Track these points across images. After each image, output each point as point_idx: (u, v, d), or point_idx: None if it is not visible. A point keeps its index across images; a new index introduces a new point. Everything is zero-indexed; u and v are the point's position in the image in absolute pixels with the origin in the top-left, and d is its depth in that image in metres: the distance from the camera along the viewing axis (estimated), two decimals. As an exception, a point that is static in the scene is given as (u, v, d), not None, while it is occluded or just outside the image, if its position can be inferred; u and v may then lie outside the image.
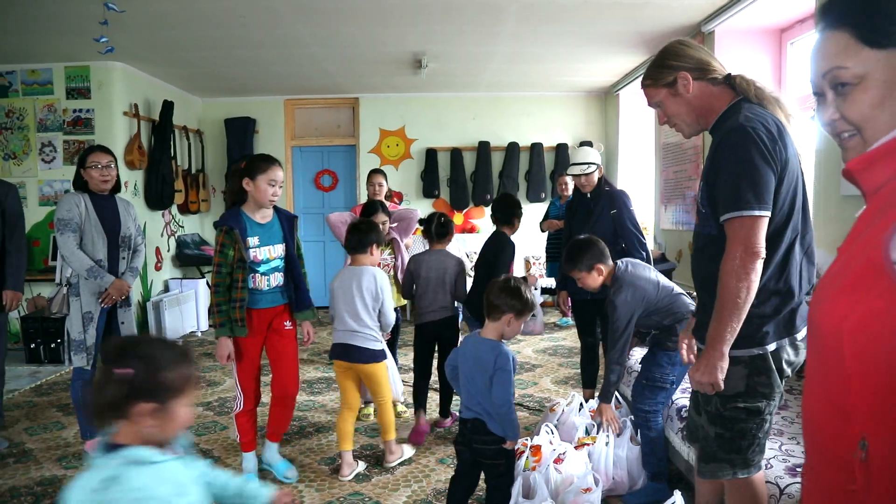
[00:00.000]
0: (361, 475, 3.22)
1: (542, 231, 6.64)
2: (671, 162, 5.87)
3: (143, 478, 1.28)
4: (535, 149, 8.06)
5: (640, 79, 2.12)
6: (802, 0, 4.15)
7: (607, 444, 2.94)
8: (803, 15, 4.48)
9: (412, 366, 3.96)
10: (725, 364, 1.84)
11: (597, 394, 4.10)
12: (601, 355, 4.10)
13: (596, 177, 3.93)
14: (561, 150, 8.07)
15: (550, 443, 2.91)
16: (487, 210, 7.04)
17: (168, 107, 6.52)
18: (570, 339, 6.33)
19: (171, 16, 4.63)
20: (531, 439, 2.97)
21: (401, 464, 3.36)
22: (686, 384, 3.19)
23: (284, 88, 7.55)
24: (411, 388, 4.08)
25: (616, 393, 3.43)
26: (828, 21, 1.03)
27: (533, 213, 7.78)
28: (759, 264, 1.79)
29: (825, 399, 1.03)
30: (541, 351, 5.87)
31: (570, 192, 6.64)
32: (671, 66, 2.00)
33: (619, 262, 2.97)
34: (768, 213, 1.80)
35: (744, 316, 1.81)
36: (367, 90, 7.80)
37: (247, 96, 7.83)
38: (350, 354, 3.23)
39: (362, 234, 3.35)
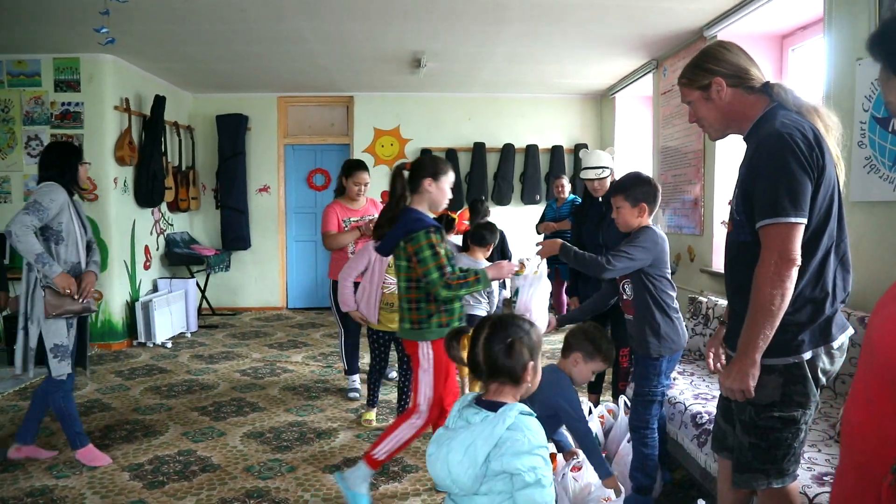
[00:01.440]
0: (368, 483, 3.13)
1: (539, 233, 6.59)
2: (669, 166, 5.85)
3: (535, 424, 1.59)
4: (531, 151, 8.02)
5: (633, 82, 2.08)
6: (804, 7, 4.14)
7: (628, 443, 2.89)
8: (805, 22, 4.48)
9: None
10: (757, 371, 1.81)
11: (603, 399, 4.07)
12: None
13: (609, 181, 3.88)
14: (556, 152, 8.04)
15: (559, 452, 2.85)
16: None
17: (160, 102, 6.38)
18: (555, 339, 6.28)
19: (170, 8, 4.51)
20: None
21: (405, 470, 3.28)
22: (699, 391, 3.15)
23: (278, 85, 7.44)
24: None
25: (625, 398, 3.39)
26: (872, 56, 1.22)
27: (528, 214, 7.76)
28: (795, 272, 1.76)
29: (871, 416, 1.03)
30: (538, 355, 5.81)
31: (567, 193, 6.64)
32: (708, 70, 1.97)
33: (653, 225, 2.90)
34: (804, 221, 1.77)
35: (777, 323, 1.78)
36: (363, 89, 7.70)
37: (239, 92, 7.70)
38: None
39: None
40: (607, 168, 3.87)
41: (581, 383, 2.64)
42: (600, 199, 3.94)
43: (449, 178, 2.82)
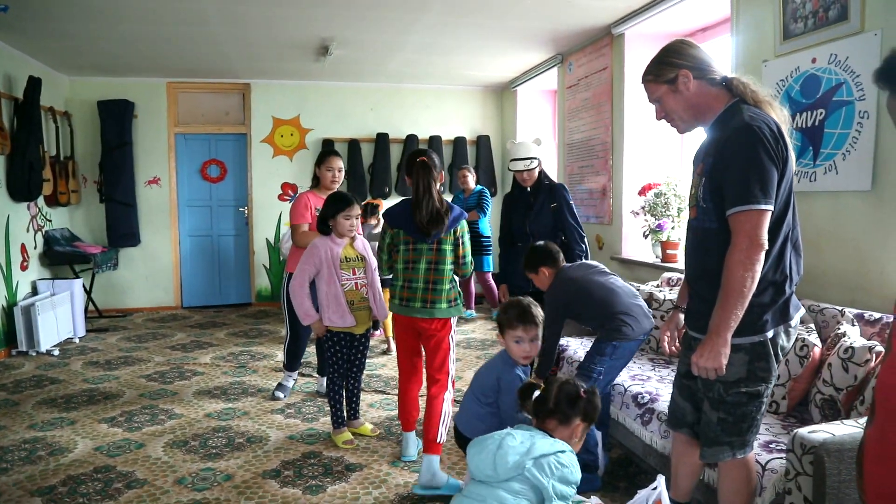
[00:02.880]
0: (314, 486, 3.01)
1: None
2: (576, 157, 6.08)
3: (577, 465, 1.97)
4: (434, 142, 8.03)
5: (536, 75, 2.14)
6: (711, 9, 4.43)
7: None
8: (705, 25, 4.79)
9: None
10: (728, 350, 1.91)
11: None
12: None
13: (537, 171, 3.96)
14: (459, 143, 8.11)
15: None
16: (386, 203, 6.90)
17: (35, 84, 5.73)
18: (478, 331, 6.38)
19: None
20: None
21: (349, 469, 3.19)
22: (634, 373, 3.31)
23: (167, 70, 6.93)
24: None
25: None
26: (879, 86, 1.31)
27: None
28: (763, 256, 1.88)
29: None
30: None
31: (472, 184, 6.73)
32: (673, 64, 2.05)
33: (565, 265, 3.20)
34: (772, 208, 1.89)
35: (746, 304, 1.89)
36: (260, 75, 7.36)
37: (123, 76, 7.10)
38: None
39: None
40: (535, 159, 3.95)
41: (518, 358, 2.68)
42: (528, 188, 4.01)
43: None
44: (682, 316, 2.35)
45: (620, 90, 5.22)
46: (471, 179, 6.76)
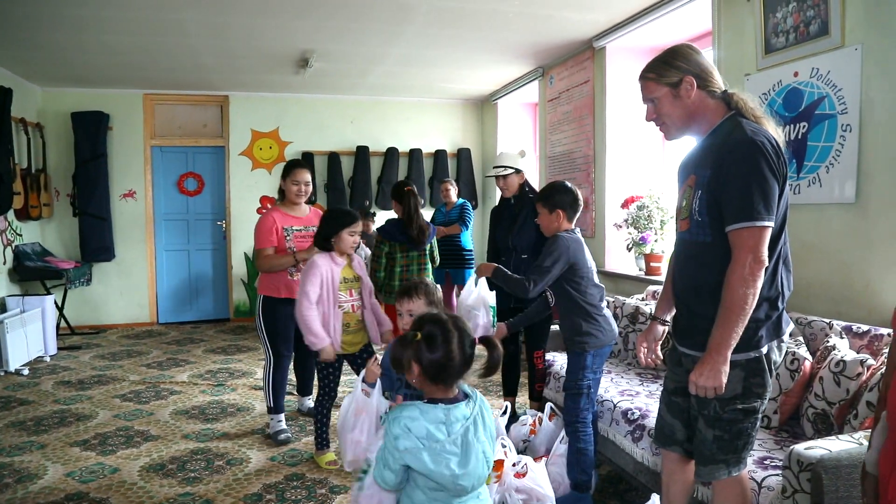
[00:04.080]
0: (297, 509, 2.92)
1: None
2: (558, 171, 6.07)
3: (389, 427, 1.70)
4: (415, 155, 7.99)
5: (517, 88, 2.12)
6: (692, 23, 4.46)
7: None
8: (692, 37, 4.81)
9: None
10: (727, 368, 1.87)
11: (522, 399, 4.13)
12: (523, 363, 4.12)
13: (515, 180, 3.95)
14: (440, 156, 8.08)
15: (506, 455, 2.83)
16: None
17: (5, 94, 5.59)
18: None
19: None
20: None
21: (334, 492, 3.10)
22: (622, 388, 3.27)
23: (143, 81, 6.81)
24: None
25: (551, 405, 3.47)
26: None
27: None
28: (763, 272, 1.85)
29: None
30: (438, 359, 5.78)
31: (454, 197, 6.65)
32: (679, 68, 1.99)
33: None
34: (773, 224, 1.87)
35: (746, 322, 1.86)
36: (239, 88, 7.27)
37: (98, 87, 6.96)
38: None
39: None
40: (509, 168, 3.95)
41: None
42: (513, 202, 3.99)
43: None
44: (660, 328, 2.33)
45: (602, 103, 5.23)
46: (453, 193, 6.70)
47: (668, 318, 2.30)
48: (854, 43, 2.95)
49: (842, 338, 2.65)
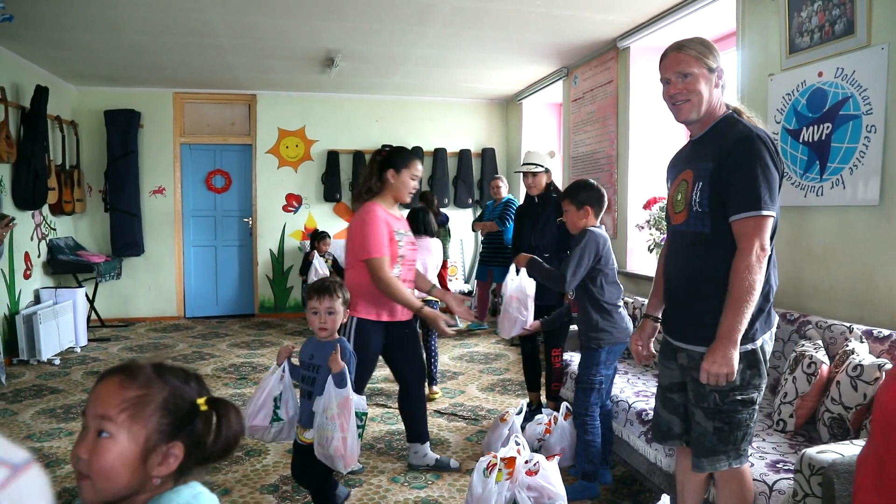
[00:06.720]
0: (312, 502, 2.97)
1: (473, 231, 6.67)
2: (581, 171, 6.05)
3: None
4: (439, 154, 8.03)
5: (542, 88, 2.17)
6: (716, 23, 4.41)
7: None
8: (716, 37, 4.75)
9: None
10: (738, 354, 1.91)
11: (544, 398, 4.14)
12: (542, 360, 4.13)
13: (543, 179, 3.96)
14: (464, 155, 8.11)
15: (519, 452, 2.84)
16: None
17: (42, 92, 5.76)
18: (482, 344, 6.33)
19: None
20: (499, 451, 2.88)
21: (348, 485, 3.14)
22: (638, 389, 3.26)
23: (174, 80, 6.96)
24: None
25: (567, 404, 3.49)
26: None
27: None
28: (767, 261, 1.91)
29: None
30: (457, 358, 5.81)
31: (503, 193, 6.61)
32: (717, 57, 2.05)
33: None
34: (775, 215, 1.93)
35: (753, 309, 1.90)
36: (267, 87, 7.39)
37: (130, 87, 7.13)
38: None
39: None
40: (538, 165, 3.95)
41: (315, 329, 2.57)
42: (538, 201, 4.00)
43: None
44: (652, 325, 2.37)
45: (626, 104, 5.21)
46: (503, 189, 6.63)
47: (660, 314, 2.33)
48: (880, 42, 2.89)
49: (861, 342, 2.61)
